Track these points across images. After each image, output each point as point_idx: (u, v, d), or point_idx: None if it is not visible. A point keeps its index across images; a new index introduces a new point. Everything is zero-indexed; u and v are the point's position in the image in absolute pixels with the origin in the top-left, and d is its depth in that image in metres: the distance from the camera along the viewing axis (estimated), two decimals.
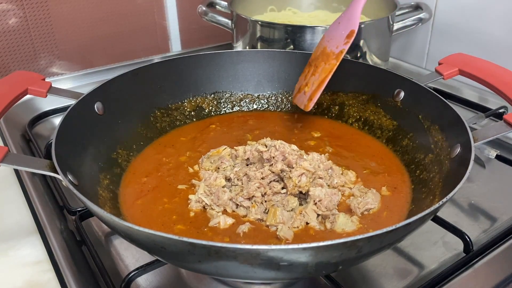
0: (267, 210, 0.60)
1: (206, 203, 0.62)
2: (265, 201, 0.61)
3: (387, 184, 0.66)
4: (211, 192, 0.63)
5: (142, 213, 0.62)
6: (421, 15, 1.02)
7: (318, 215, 0.60)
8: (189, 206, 0.62)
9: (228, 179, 0.66)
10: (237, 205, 0.62)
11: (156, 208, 0.63)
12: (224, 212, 0.61)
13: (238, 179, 0.64)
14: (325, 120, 0.84)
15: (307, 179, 0.61)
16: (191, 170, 0.70)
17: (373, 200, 0.62)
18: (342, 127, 0.82)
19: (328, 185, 0.64)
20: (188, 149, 0.75)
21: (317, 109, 0.85)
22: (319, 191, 0.60)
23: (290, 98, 0.87)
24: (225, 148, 0.71)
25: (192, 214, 0.61)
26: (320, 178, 0.63)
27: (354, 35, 0.72)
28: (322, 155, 0.67)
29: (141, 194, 0.65)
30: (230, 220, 0.59)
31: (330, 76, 0.74)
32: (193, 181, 0.67)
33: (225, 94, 0.87)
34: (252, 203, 0.61)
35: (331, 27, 0.79)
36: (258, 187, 0.61)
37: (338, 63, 0.73)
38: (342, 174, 0.68)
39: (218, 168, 0.69)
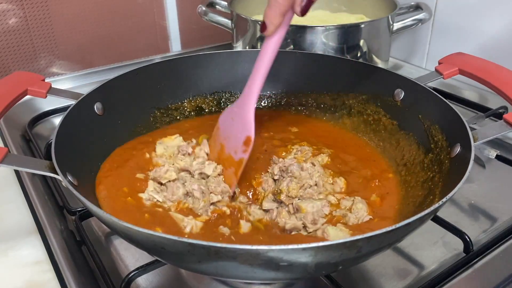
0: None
1: (158, 200, 0.61)
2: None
3: (387, 183, 0.66)
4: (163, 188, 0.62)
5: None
6: (421, 15, 1.02)
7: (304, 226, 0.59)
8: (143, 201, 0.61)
9: (185, 171, 0.65)
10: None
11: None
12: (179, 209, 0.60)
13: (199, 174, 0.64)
14: (325, 121, 0.84)
15: (297, 185, 0.60)
16: (147, 155, 0.69)
17: (365, 211, 0.60)
18: (342, 127, 0.82)
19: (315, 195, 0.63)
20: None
21: (317, 110, 0.85)
22: (311, 207, 0.58)
23: (289, 98, 0.87)
24: (177, 136, 0.71)
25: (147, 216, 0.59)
26: (310, 187, 0.62)
27: (252, 142, 0.63)
28: (315, 163, 0.67)
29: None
30: (199, 224, 0.58)
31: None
32: (149, 173, 0.66)
33: (225, 94, 0.87)
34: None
35: (224, 116, 0.68)
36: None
37: (238, 178, 0.64)
38: (332, 184, 0.65)
39: (171, 157, 0.68)
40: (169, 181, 0.63)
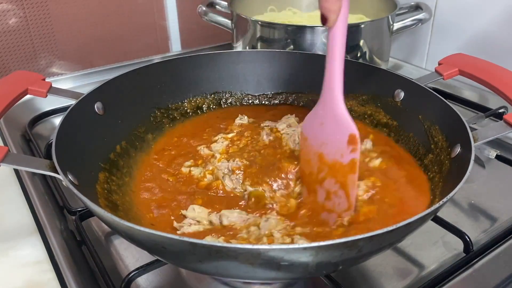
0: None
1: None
2: None
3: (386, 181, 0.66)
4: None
5: None
6: (421, 16, 1.02)
7: None
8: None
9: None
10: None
11: None
12: None
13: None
14: None
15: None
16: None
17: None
18: None
19: None
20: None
21: None
22: None
23: (289, 97, 0.87)
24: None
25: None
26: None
27: (358, 139, 0.57)
28: None
29: None
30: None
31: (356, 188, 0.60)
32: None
33: (225, 94, 0.87)
34: None
35: (309, 124, 0.62)
36: None
37: (357, 174, 0.58)
38: None
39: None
40: None
